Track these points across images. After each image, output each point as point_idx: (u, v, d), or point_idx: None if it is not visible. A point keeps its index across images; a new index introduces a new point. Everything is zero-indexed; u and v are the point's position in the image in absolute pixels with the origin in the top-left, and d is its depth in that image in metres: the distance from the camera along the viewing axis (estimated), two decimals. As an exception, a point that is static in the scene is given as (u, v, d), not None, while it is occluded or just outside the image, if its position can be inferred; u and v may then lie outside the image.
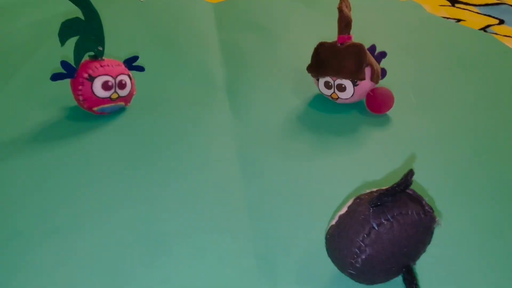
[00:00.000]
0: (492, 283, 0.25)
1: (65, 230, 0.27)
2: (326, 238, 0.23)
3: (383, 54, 0.42)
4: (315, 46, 0.41)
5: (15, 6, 0.67)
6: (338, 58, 0.39)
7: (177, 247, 0.26)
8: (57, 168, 0.32)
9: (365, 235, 0.20)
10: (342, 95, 0.41)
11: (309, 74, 0.42)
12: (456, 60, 0.54)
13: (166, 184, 0.31)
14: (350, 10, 0.41)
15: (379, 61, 0.42)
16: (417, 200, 0.21)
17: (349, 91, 0.40)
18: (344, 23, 0.40)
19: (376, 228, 0.20)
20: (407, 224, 0.20)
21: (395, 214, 0.20)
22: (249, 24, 0.64)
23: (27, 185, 0.30)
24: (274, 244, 0.27)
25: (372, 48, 0.41)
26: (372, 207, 0.21)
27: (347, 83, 0.40)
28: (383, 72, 0.42)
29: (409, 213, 0.21)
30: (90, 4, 0.35)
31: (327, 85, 0.41)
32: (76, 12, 0.35)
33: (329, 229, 0.23)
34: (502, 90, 0.47)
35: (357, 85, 0.39)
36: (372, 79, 0.40)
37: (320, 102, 0.43)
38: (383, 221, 0.20)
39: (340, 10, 0.40)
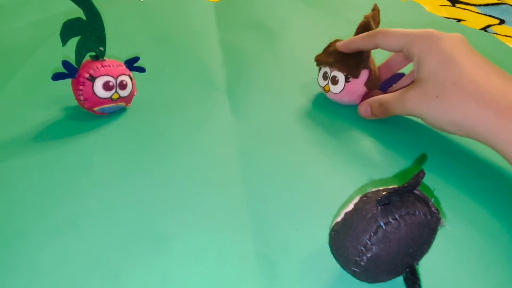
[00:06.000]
0: (493, 283, 0.25)
1: (65, 230, 0.27)
2: (331, 235, 0.23)
3: (400, 76, 0.42)
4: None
5: (15, 6, 0.67)
6: (343, 52, 0.40)
7: (178, 247, 0.26)
8: (57, 168, 0.32)
9: (372, 234, 0.20)
10: (333, 88, 0.41)
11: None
12: (456, 60, 0.54)
13: (166, 184, 0.31)
14: (376, 25, 0.41)
15: (394, 83, 0.42)
16: (424, 200, 0.21)
17: (340, 85, 0.40)
18: (363, 29, 0.40)
19: (383, 227, 0.20)
20: (414, 225, 0.20)
21: (402, 213, 0.20)
22: (249, 23, 0.64)
23: (27, 185, 0.30)
24: (275, 244, 0.27)
25: (398, 76, 0.41)
26: (380, 205, 0.21)
27: (340, 76, 0.40)
28: (398, 76, 0.41)
29: (417, 213, 0.21)
30: (92, 4, 0.35)
31: (325, 75, 0.42)
32: (77, 12, 0.35)
33: (333, 225, 0.23)
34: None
35: (349, 81, 0.40)
36: (366, 83, 0.40)
37: (321, 102, 0.43)
38: (391, 220, 0.20)
39: (365, 17, 0.41)
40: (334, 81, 0.41)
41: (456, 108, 0.31)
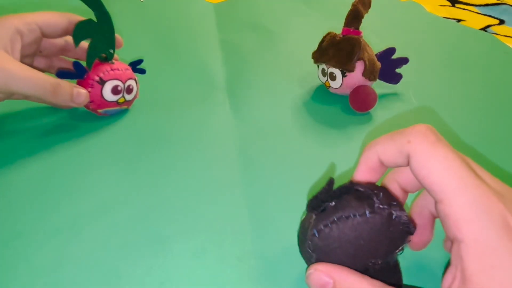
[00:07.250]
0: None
1: (65, 230, 0.27)
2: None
3: (403, 61, 0.42)
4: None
5: (16, 7, 0.67)
6: (335, 47, 0.40)
7: (177, 247, 0.26)
8: (57, 168, 0.32)
9: (309, 242, 0.21)
10: (332, 84, 0.42)
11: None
12: (456, 60, 0.54)
13: (166, 184, 0.31)
14: (366, 8, 0.41)
15: (397, 67, 0.42)
16: (366, 198, 0.21)
17: (338, 81, 0.41)
18: (352, 16, 0.40)
19: (316, 235, 0.21)
20: (348, 228, 0.20)
21: (335, 218, 0.20)
22: (249, 24, 0.64)
23: (28, 185, 0.30)
24: (275, 244, 0.27)
25: (390, 51, 0.41)
26: (314, 214, 0.21)
27: (337, 72, 0.40)
28: (398, 77, 0.42)
29: (351, 215, 0.20)
30: (102, 5, 0.35)
31: (323, 72, 0.42)
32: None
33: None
34: (503, 90, 0.47)
35: (345, 76, 0.40)
36: (363, 74, 0.40)
37: (322, 103, 0.43)
38: (322, 227, 0.21)
39: (353, 4, 0.40)
40: (332, 77, 0.41)
41: None
